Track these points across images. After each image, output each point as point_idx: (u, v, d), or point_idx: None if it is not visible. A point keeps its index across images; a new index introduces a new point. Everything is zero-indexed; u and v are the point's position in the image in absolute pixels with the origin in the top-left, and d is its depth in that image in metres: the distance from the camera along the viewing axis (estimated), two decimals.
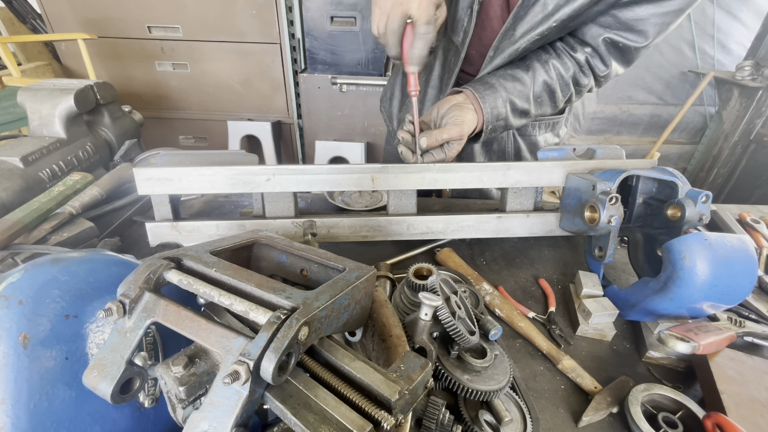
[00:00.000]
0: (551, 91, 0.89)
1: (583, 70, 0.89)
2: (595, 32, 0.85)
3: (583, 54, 0.87)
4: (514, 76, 0.88)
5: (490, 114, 0.85)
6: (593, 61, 0.88)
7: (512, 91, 0.86)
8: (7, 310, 0.39)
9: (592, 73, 0.90)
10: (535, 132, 1.12)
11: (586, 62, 0.88)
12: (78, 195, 0.93)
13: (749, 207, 1.09)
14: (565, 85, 0.89)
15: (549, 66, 0.88)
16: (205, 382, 0.37)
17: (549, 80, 0.88)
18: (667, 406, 0.60)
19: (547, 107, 0.91)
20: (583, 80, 0.89)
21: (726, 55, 3.52)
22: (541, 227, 0.90)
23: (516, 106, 0.87)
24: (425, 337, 0.53)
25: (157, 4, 2.37)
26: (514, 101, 0.87)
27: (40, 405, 0.38)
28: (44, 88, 1.05)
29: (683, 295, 0.63)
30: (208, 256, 0.45)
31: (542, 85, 0.88)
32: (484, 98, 0.85)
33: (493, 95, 0.85)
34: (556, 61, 0.88)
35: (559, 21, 0.81)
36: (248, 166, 0.80)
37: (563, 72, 0.88)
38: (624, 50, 0.85)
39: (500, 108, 0.86)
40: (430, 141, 0.79)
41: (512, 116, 0.88)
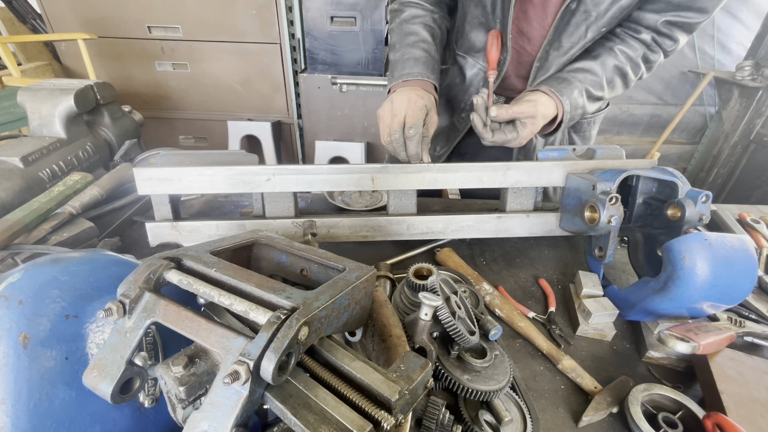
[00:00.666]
0: (623, 73, 0.91)
1: (651, 48, 0.90)
2: (652, 19, 0.87)
3: (648, 34, 0.89)
4: (583, 69, 0.90)
5: (569, 104, 0.86)
6: (660, 39, 0.89)
7: (585, 80, 0.89)
8: (7, 310, 0.39)
9: (661, 49, 0.91)
10: (590, 127, 1.14)
11: (653, 41, 0.90)
12: (78, 195, 0.93)
13: (749, 207, 1.09)
14: (636, 65, 0.91)
15: (615, 51, 0.90)
16: (205, 382, 0.37)
17: (619, 64, 0.90)
18: (667, 406, 0.60)
19: (619, 89, 0.94)
20: (653, 57, 0.91)
21: (726, 55, 3.51)
22: (541, 227, 0.90)
23: (592, 93, 0.89)
24: (425, 337, 0.53)
25: (157, 4, 2.36)
26: (590, 89, 0.89)
27: (40, 405, 0.38)
28: (44, 88, 1.05)
29: (683, 295, 0.63)
30: (208, 256, 0.45)
31: (613, 70, 0.90)
32: (561, 91, 0.86)
33: (569, 87, 0.87)
34: (622, 45, 0.90)
35: (609, 25, 0.85)
36: (248, 166, 0.80)
37: (631, 54, 0.90)
38: (685, 26, 0.87)
39: (577, 98, 0.88)
40: (500, 111, 0.80)
41: (588, 103, 0.90)
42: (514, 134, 0.83)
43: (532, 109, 0.81)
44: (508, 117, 0.81)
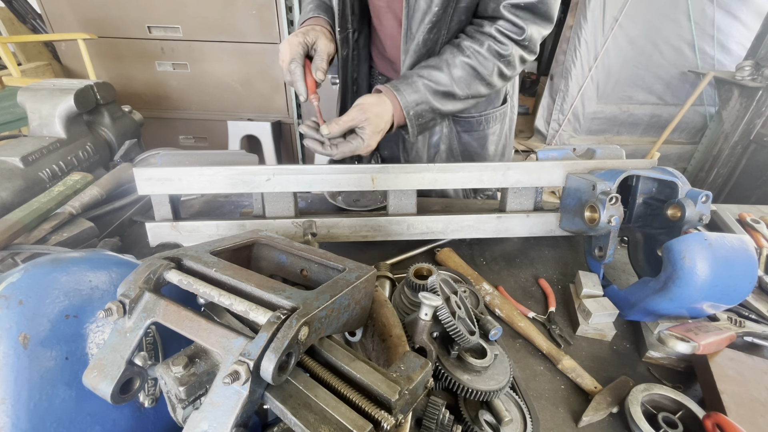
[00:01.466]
0: (472, 68, 0.87)
1: (498, 40, 0.87)
2: (492, 5, 0.86)
3: (491, 26, 0.86)
4: (428, 65, 0.89)
5: (405, 100, 0.85)
6: (505, 28, 0.86)
7: (428, 76, 0.87)
8: (7, 310, 0.39)
9: (510, 39, 0.87)
10: (482, 127, 1.11)
11: (498, 32, 0.86)
12: (78, 195, 0.93)
13: (749, 207, 1.09)
14: (484, 59, 0.87)
15: (462, 47, 0.88)
16: (205, 382, 0.37)
17: (465, 59, 0.87)
18: (667, 406, 0.60)
19: (478, 86, 0.90)
20: (503, 49, 0.87)
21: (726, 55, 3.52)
22: (541, 227, 0.90)
23: (437, 89, 0.87)
24: (425, 337, 0.53)
25: (157, 4, 2.36)
26: (433, 85, 0.87)
27: (40, 405, 0.38)
28: (44, 88, 1.05)
29: (683, 295, 0.63)
30: (208, 256, 0.45)
31: (461, 65, 0.87)
32: (398, 88, 0.86)
33: (407, 83, 0.86)
34: (468, 41, 0.88)
35: (439, 4, 0.83)
36: (248, 166, 0.80)
37: (477, 48, 0.87)
38: (530, 8, 0.84)
39: (418, 93, 0.86)
40: (331, 127, 0.80)
41: (435, 99, 0.88)
42: (359, 140, 0.82)
43: (360, 114, 0.80)
44: (341, 130, 0.80)
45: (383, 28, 1.02)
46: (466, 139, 1.12)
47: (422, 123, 0.90)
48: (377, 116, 0.82)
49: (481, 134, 1.12)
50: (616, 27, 3.43)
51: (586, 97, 3.76)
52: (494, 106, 1.10)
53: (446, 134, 1.10)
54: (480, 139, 1.12)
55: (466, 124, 1.10)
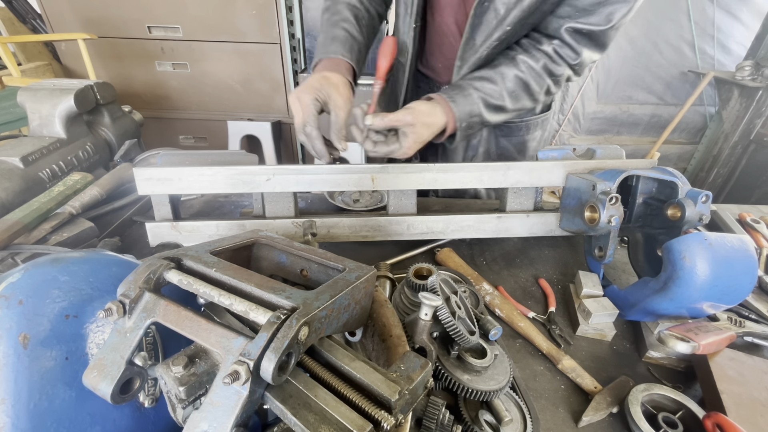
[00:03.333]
0: (524, 83, 0.88)
1: (553, 60, 0.88)
2: (555, 24, 0.85)
3: (549, 45, 0.87)
4: (482, 77, 0.88)
5: (460, 111, 0.85)
6: (562, 50, 0.87)
7: (482, 88, 0.86)
8: (7, 310, 0.39)
9: (564, 62, 0.88)
10: (521, 132, 1.12)
11: (554, 52, 0.87)
12: (78, 195, 0.93)
13: (749, 207, 1.09)
14: (538, 76, 0.88)
15: (517, 61, 0.88)
16: (205, 382, 0.37)
17: (520, 74, 0.87)
18: (667, 406, 0.60)
19: (525, 101, 0.91)
20: (556, 70, 0.89)
21: (726, 55, 3.51)
22: (541, 227, 0.90)
23: (490, 102, 0.87)
24: (425, 337, 0.53)
25: (157, 4, 2.36)
26: (487, 98, 0.86)
27: (40, 405, 0.38)
28: (44, 88, 1.05)
29: (683, 295, 0.63)
30: (208, 256, 0.45)
31: (514, 80, 0.87)
32: (453, 98, 0.85)
33: (462, 94, 0.86)
34: (524, 56, 0.88)
35: (512, 24, 0.83)
36: (248, 166, 0.80)
37: (533, 64, 0.87)
38: (590, 36, 0.84)
39: (473, 105, 0.86)
40: (375, 120, 0.78)
41: (487, 112, 0.88)
42: (396, 145, 0.81)
43: (409, 117, 0.78)
44: (384, 125, 0.79)
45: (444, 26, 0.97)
46: (504, 143, 1.12)
47: (469, 133, 0.91)
48: (424, 126, 0.81)
49: (521, 140, 1.12)
50: None
51: (586, 97, 3.76)
52: (535, 114, 1.11)
53: (485, 137, 1.10)
54: (519, 145, 1.13)
55: (507, 129, 1.10)
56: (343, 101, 0.80)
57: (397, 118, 0.78)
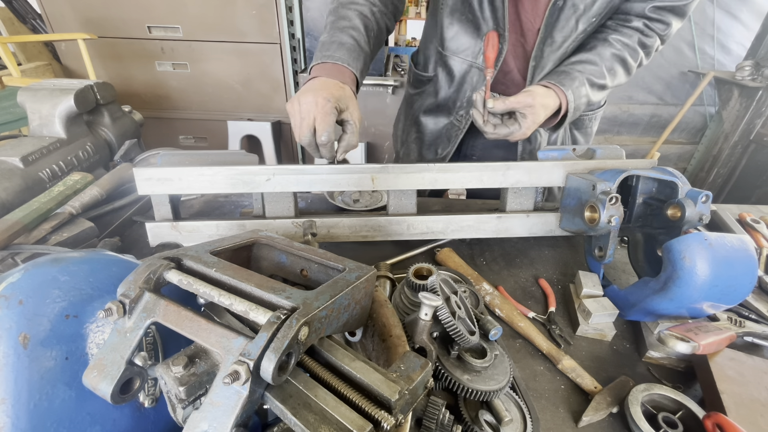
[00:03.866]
0: (622, 59, 0.92)
1: (645, 33, 0.93)
2: (639, 7, 0.90)
3: (639, 21, 0.92)
4: (581, 60, 0.92)
5: (572, 94, 0.88)
6: (651, 24, 0.92)
7: (585, 70, 0.90)
8: (7, 310, 0.39)
9: (655, 33, 0.93)
10: (591, 124, 1.16)
11: (645, 26, 0.92)
12: (78, 195, 0.93)
13: (749, 207, 1.09)
14: (633, 50, 0.93)
15: (610, 41, 0.92)
16: (205, 382, 0.37)
17: (616, 51, 0.92)
18: (667, 406, 0.60)
19: (622, 76, 0.95)
20: (648, 41, 0.93)
21: (726, 55, 3.51)
22: (541, 227, 0.90)
23: (594, 81, 0.91)
24: (425, 337, 0.53)
25: (157, 4, 2.36)
26: (591, 78, 0.90)
27: (40, 405, 0.38)
28: (44, 88, 1.05)
29: (683, 295, 0.63)
30: (208, 256, 0.45)
31: (611, 58, 0.91)
32: (562, 82, 0.87)
33: (568, 78, 0.89)
34: (616, 35, 0.92)
35: (598, 15, 0.87)
36: (248, 166, 0.80)
37: (626, 41, 0.92)
38: (674, 9, 0.89)
39: (579, 87, 0.89)
40: (497, 103, 0.82)
41: (592, 92, 0.92)
42: (516, 126, 0.84)
43: (529, 99, 0.82)
44: (505, 108, 0.82)
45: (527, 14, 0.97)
46: (576, 136, 1.17)
47: (576, 116, 0.94)
48: (542, 107, 0.84)
49: (588, 131, 1.18)
50: None
51: None
52: (600, 106, 1.15)
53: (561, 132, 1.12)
54: (586, 136, 1.18)
55: (579, 123, 1.14)
56: (359, 116, 0.80)
57: (517, 101, 0.82)
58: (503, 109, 0.83)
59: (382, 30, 0.97)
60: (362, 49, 0.88)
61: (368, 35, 0.90)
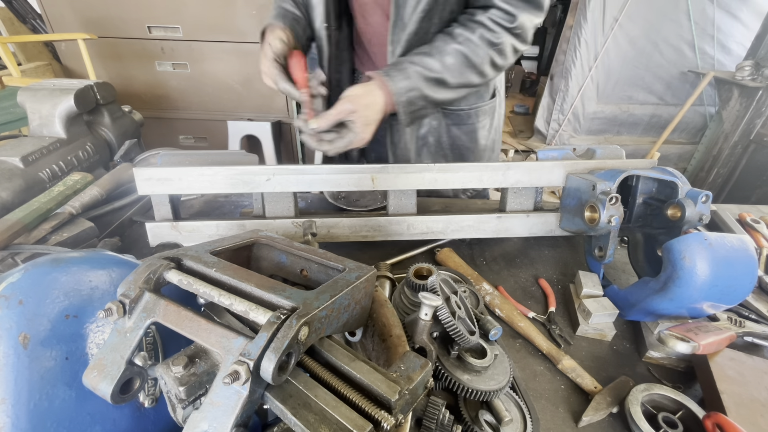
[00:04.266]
0: (464, 56, 0.87)
1: (489, 28, 0.86)
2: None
3: (483, 14, 0.86)
4: (419, 52, 0.88)
5: (396, 86, 0.84)
6: (496, 17, 0.86)
7: (420, 62, 0.85)
8: (7, 310, 0.39)
9: (501, 27, 0.87)
10: (471, 120, 1.10)
11: (489, 20, 0.86)
12: (78, 195, 0.93)
13: (749, 207, 1.09)
14: (476, 46, 0.87)
15: (454, 35, 0.87)
16: (205, 382, 0.37)
17: (458, 46, 0.86)
18: (667, 406, 0.60)
19: (470, 75, 0.90)
20: (495, 38, 0.87)
21: (726, 55, 3.52)
22: (541, 227, 0.90)
23: (428, 75, 0.86)
24: (425, 337, 0.53)
25: (157, 4, 2.36)
26: (424, 72, 0.85)
27: (40, 405, 0.38)
28: (44, 88, 1.05)
29: (683, 295, 0.63)
30: (208, 256, 0.45)
31: (453, 53, 0.86)
32: (389, 74, 0.84)
33: (398, 68, 0.85)
34: (460, 29, 0.87)
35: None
36: (248, 166, 0.80)
37: (469, 35, 0.86)
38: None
39: (410, 79, 0.85)
40: (319, 122, 0.79)
41: (427, 86, 0.87)
42: (351, 134, 0.81)
43: (348, 105, 0.79)
44: (329, 123, 0.79)
45: (369, 26, 1.00)
46: (456, 132, 1.11)
47: (414, 111, 0.89)
48: (366, 107, 0.81)
49: (471, 128, 1.11)
50: (616, 27, 3.43)
51: (586, 97, 3.76)
52: (483, 100, 1.10)
53: (435, 127, 1.09)
54: (470, 133, 1.12)
55: (456, 117, 1.09)
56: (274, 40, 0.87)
57: (337, 111, 0.79)
58: (327, 125, 0.79)
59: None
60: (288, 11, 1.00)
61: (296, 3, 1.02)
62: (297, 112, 2.73)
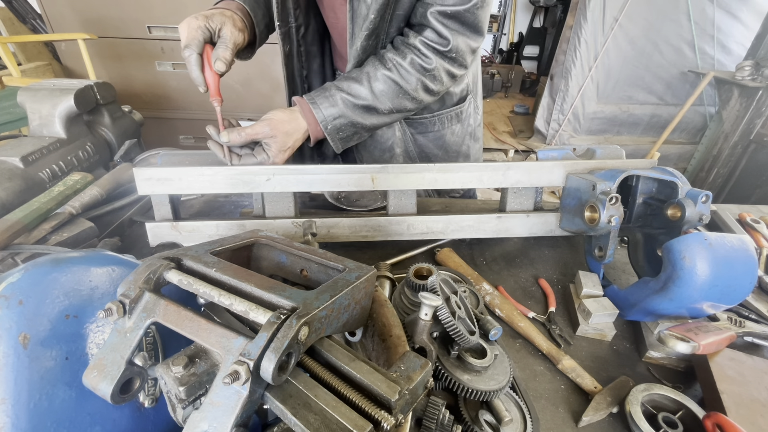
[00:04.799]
0: (394, 81, 0.84)
1: (421, 53, 0.84)
2: (420, 11, 0.83)
3: (416, 38, 0.84)
4: (348, 77, 0.86)
5: (321, 114, 0.83)
6: (429, 40, 0.83)
7: (348, 89, 0.84)
8: (7, 310, 0.39)
9: (436, 52, 0.84)
10: (436, 127, 1.07)
11: (422, 43, 0.83)
12: (78, 195, 0.93)
13: (749, 207, 1.09)
14: (407, 72, 0.84)
15: (385, 59, 0.85)
16: (205, 382, 0.37)
17: (387, 72, 0.84)
18: (667, 406, 0.60)
19: (403, 100, 0.87)
20: (427, 63, 0.84)
21: (726, 55, 3.52)
22: (541, 227, 0.90)
23: (355, 102, 0.84)
24: (425, 337, 0.53)
25: (157, 4, 2.36)
26: (351, 99, 0.83)
27: (40, 405, 0.38)
28: (44, 88, 1.05)
29: (683, 295, 0.63)
30: (208, 256, 0.45)
31: (383, 79, 0.84)
32: (314, 100, 0.83)
33: (325, 95, 0.83)
34: (392, 53, 0.85)
35: (376, 12, 0.79)
36: (248, 166, 0.80)
37: (400, 60, 0.84)
38: (457, 17, 0.81)
39: (338, 107, 0.83)
40: (231, 136, 0.77)
41: (354, 113, 0.85)
42: (264, 156, 0.80)
43: (266, 129, 0.78)
44: (242, 141, 0.78)
45: (338, 22, 0.95)
46: (422, 140, 1.09)
47: (344, 137, 0.87)
48: (285, 134, 0.81)
49: (437, 135, 1.09)
50: (616, 27, 3.43)
51: (586, 97, 3.76)
52: (447, 106, 1.06)
53: (400, 137, 1.07)
54: (436, 140, 1.09)
55: (420, 126, 1.07)
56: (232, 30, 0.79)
57: (254, 132, 0.78)
58: (240, 142, 0.78)
59: None
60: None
61: None
62: None
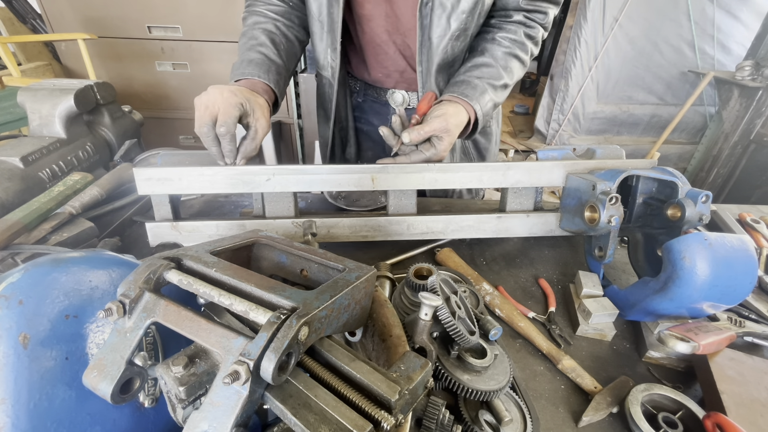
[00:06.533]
0: (515, 56, 0.93)
1: (528, 26, 0.94)
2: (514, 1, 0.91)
3: (519, 14, 0.93)
4: (477, 65, 0.91)
5: (479, 106, 0.87)
6: (532, 15, 0.93)
7: (484, 75, 0.90)
8: (7, 310, 0.39)
9: (536, 23, 0.95)
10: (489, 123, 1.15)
11: (526, 18, 0.93)
12: (78, 195, 0.93)
13: (749, 207, 1.09)
14: (522, 45, 0.94)
15: (498, 40, 0.93)
16: (205, 382, 0.37)
17: (506, 49, 0.92)
18: (667, 406, 0.60)
19: (519, 70, 0.96)
20: (533, 32, 0.94)
21: (726, 55, 3.52)
22: (541, 227, 0.90)
23: (495, 84, 0.90)
24: (425, 337, 0.53)
25: (157, 4, 2.36)
26: (492, 82, 0.90)
27: (40, 405, 0.38)
28: (44, 88, 1.05)
29: (683, 295, 0.63)
30: (208, 256, 0.45)
31: (504, 57, 0.92)
32: (467, 94, 0.86)
33: (471, 87, 0.88)
34: (501, 33, 0.93)
35: (467, 12, 0.86)
36: (248, 166, 0.80)
37: (513, 36, 0.93)
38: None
39: (488, 94, 0.89)
40: (412, 136, 0.79)
41: (495, 94, 0.91)
42: (433, 150, 0.82)
43: (444, 124, 0.81)
44: (422, 138, 0.81)
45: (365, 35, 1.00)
46: (477, 138, 1.16)
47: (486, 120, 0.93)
48: (456, 127, 0.83)
49: (488, 130, 1.17)
50: (616, 27, 3.43)
51: (586, 97, 3.76)
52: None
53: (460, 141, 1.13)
54: (487, 135, 1.18)
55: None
56: (265, 124, 0.80)
57: (433, 129, 0.80)
58: (420, 139, 0.80)
59: (292, 42, 1.01)
60: (273, 61, 0.91)
61: (277, 49, 0.94)
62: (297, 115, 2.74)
